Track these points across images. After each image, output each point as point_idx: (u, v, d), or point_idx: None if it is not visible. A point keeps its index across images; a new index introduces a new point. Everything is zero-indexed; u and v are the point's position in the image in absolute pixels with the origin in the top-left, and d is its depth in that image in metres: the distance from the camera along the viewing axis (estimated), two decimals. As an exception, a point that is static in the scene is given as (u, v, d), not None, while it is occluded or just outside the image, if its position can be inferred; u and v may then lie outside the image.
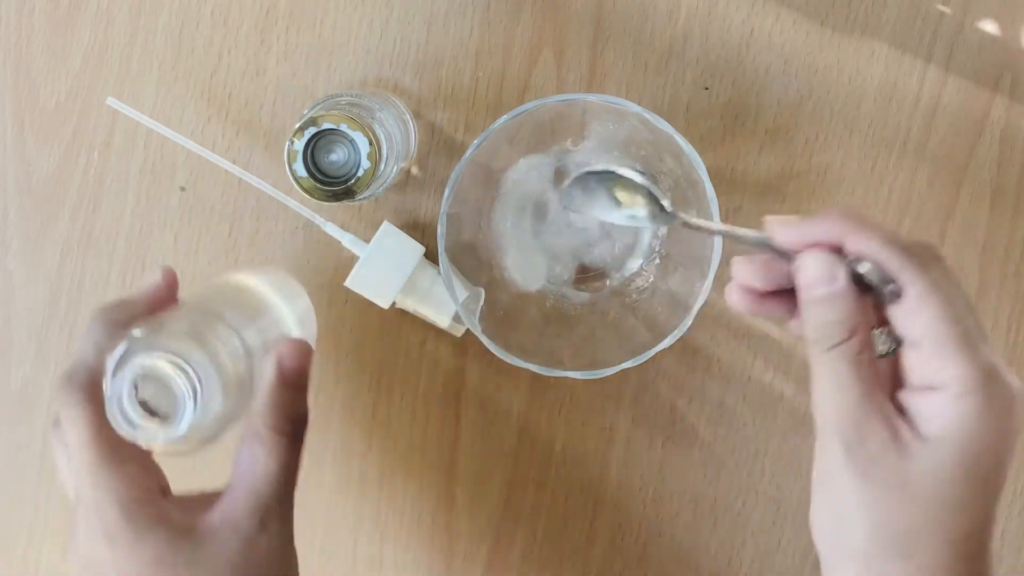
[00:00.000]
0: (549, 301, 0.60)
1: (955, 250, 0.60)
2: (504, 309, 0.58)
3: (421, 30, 0.59)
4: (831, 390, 0.42)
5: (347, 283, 0.57)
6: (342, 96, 0.56)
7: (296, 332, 0.51)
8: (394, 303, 0.58)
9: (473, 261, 0.58)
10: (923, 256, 0.41)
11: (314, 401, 0.62)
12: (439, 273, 0.58)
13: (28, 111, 0.61)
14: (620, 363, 0.54)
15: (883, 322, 0.43)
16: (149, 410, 0.43)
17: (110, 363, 0.42)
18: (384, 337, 0.62)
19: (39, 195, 0.61)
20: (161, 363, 0.42)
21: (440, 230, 0.54)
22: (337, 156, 0.55)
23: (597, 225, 0.59)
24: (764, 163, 0.60)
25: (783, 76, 0.59)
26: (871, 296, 0.42)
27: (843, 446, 0.42)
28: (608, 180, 0.47)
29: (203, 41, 0.60)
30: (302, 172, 0.54)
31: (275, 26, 0.60)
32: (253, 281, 0.51)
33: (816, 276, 0.42)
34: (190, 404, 0.42)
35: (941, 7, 0.59)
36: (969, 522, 0.41)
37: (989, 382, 0.40)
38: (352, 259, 0.58)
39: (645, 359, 0.54)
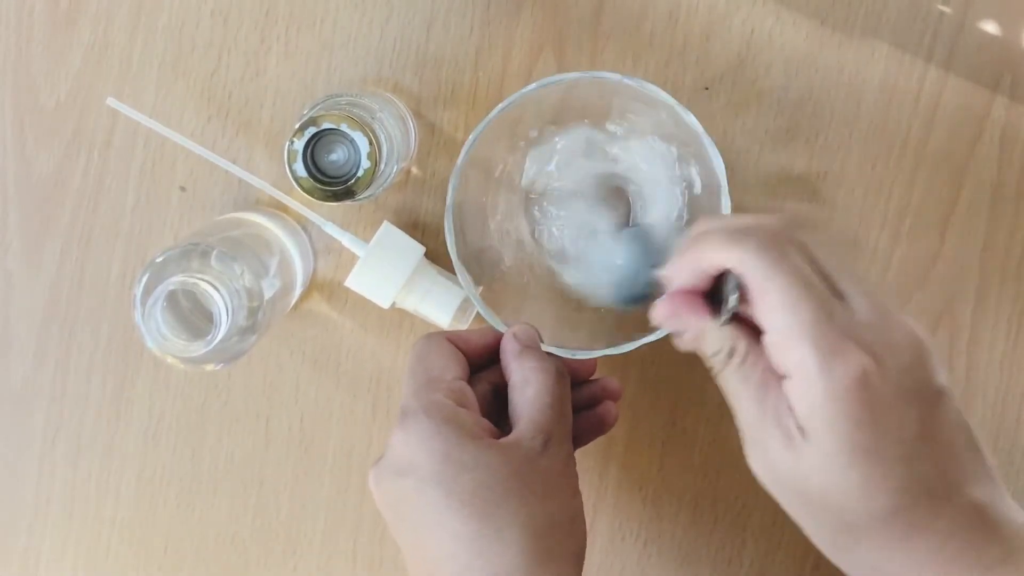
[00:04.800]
0: (548, 278, 0.59)
1: (955, 250, 0.60)
2: (502, 284, 0.58)
3: (421, 30, 0.59)
4: (733, 404, 0.43)
5: (347, 283, 0.57)
6: (342, 96, 0.56)
7: (299, 266, 0.58)
8: (394, 303, 0.58)
9: (479, 224, 0.57)
10: (760, 240, 0.40)
11: (314, 401, 0.62)
12: (439, 273, 0.58)
13: (28, 111, 0.61)
14: (615, 345, 0.54)
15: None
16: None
17: (139, 287, 0.50)
18: (384, 337, 0.62)
19: (39, 195, 0.61)
20: (203, 284, 0.49)
21: (453, 181, 0.54)
22: (337, 156, 0.55)
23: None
24: (764, 164, 0.60)
25: (783, 76, 0.59)
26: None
27: (754, 458, 0.43)
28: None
29: (203, 41, 0.60)
30: (302, 172, 0.54)
31: (275, 26, 0.60)
32: (265, 221, 0.58)
33: (674, 329, 0.45)
34: (225, 323, 0.49)
35: (941, 7, 0.59)
36: (884, 497, 0.39)
37: (828, 363, 0.39)
38: (352, 259, 0.58)
39: (647, 342, 0.54)
